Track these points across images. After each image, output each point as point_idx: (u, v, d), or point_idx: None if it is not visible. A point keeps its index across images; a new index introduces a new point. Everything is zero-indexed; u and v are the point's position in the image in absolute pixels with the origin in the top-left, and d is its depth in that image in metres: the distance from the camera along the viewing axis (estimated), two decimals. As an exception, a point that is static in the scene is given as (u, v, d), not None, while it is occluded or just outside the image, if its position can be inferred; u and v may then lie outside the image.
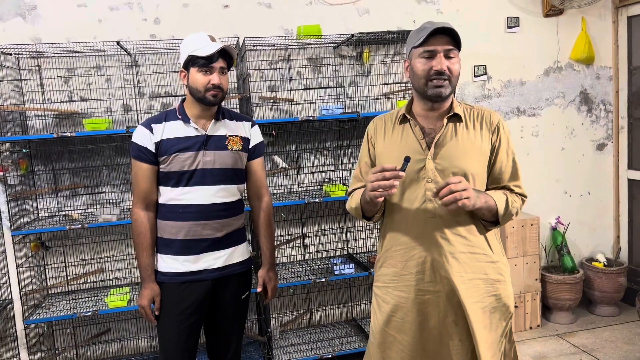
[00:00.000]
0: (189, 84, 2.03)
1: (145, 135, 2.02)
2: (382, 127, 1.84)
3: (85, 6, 3.08)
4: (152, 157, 2.02)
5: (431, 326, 1.74)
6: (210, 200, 2.05)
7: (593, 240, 4.04)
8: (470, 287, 1.70)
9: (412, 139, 1.74)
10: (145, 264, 2.06)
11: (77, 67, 3.09)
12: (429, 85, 1.68)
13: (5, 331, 3.11)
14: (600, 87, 3.93)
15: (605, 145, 3.99)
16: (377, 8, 3.47)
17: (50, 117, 3.08)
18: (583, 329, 3.59)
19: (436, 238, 1.70)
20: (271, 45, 3.30)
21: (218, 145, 2.07)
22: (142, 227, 2.05)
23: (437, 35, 1.66)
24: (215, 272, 2.08)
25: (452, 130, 1.73)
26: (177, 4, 3.20)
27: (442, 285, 1.71)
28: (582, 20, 3.80)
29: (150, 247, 2.07)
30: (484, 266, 1.72)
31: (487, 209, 1.65)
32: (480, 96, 3.72)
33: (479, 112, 1.78)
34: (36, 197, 3.10)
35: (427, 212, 1.69)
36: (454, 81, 1.70)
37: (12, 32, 3.00)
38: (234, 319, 2.19)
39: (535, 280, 3.61)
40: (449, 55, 1.68)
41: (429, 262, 1.71)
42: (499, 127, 1.75)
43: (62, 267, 3.16)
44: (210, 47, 1.97)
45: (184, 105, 2.09)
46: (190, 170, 2.02)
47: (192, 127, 2.04)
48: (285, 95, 3.37)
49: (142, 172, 2.03)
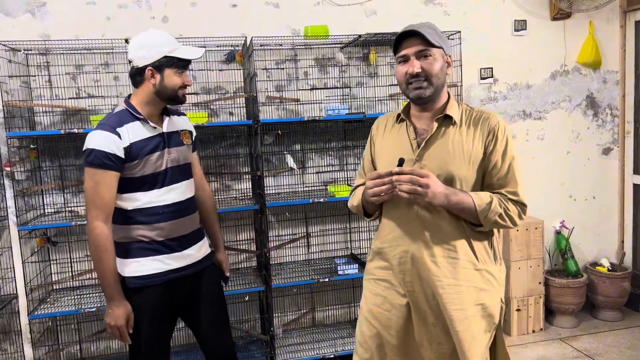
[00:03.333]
0: (161, 84, 1.97)
1: (114, 141, 1.89)
2: (384, 125, 1.87)
3: (94, 4, 3.10)
4: (120, 164, 1.91)
5: (413, 324, 1.74)
6: (184, 197, 2.08)
7: (597, 244, 4.03)
8: (451, 293, 1.66)
9: (404, 138, 1.75)
10: (114, 281, 1.93)
11: (85, 64, 3.11)
12: (409, 88, 1.70)
13: (10, 326, 3.12)
14: (607, 92, 3.92)
15: (611, 149, 3.98)
16: (384, 9, 3.48)
17: (58, 114, 3.10)
18: (586, 334, 3.59)
19: (417, 240, 1.69)
20: (278, 45, 3.31)
21: (176, 141, 2.08)
22: (107, 242, 1.91)
23: (410, 38, 1.67)
24: (193, 267, 2.11)
25: (443, 132, 1.71)
26: (185, 3, 3.21)
27: (422, 287, 1.70)
28: (590, 24, 3.80)
29: (114, 261, 1.95)
30: (466, 273, 1.68)
31: (462, 209, 1.62)
32: (487, 99, 3.72)
33: (478, 114, 1.74)
34: (42, 193, 3.12)
35: (410, 213, 1.70)
36: (435, 80, 1.67)
37: (22, 29, 3.01)
38: (217, 307, 2.21)
39: (538, 284, 3.61)
40: (423, 55, 1.66)
41: (409, 262, 1.71)
42: (496, 130, 1.69)
43: (67, 262, 3.17)
44: (192, 51, 2.02)
45: (134, 105, 2.00)
46: (163, 170, 2.01)
47: (151, 126, 2.00)
48: (291, 95, 3.37)
49: (107, 181, 1.90)
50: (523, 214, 1.70)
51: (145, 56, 1.95)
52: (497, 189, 1.69)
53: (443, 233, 1.68)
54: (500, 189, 1.68)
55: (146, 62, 1.95)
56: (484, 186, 1.71)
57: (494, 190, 1.68)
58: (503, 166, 1.69)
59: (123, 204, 1.98)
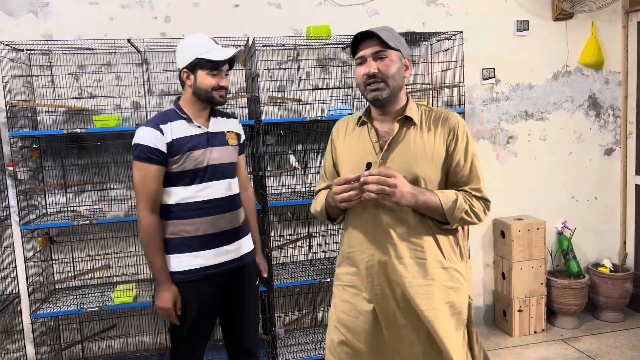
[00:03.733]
0: (195, 85, 2.08)
1: (157, 137, 2.03)
2: (344, 128, 1.85)
3: (97, 4, 3.10)
4: (163, 158, 2.04)
5: (383, 328, 1.73)
6: (224, 194, 2.15)
7: (599, 245, 4.03)
8: (421, 294, 1.67)
9: (367, 141, 1.75)
10: (161, 266, 2.07)
11: (87, 64, 3.12)
12: (366, 90, 1.70)
13: (12, 325, 3.13)
14: (609, 92, 3.92)
15: (613, 150, 3.98)
16: (387, 10, 3.48)
17: (60, 114, 3.10)
18: (588, 334, 3.58)
19: (384, 243, 1.69)
20: (280, 45, 3.31)
21: (220, 141, 2.16)
22: (155, 230, 2.06)
23: (367, 40, 1.68)
24: (233, 263, 2.18)
25: (404, 133, 1.72)
26: (188, 3, 3.22)
27: (391, 289, 1.70)
28: (592, 24, 3.79)
29: (162, 249, 2.09)
30: (434, 272, 1.69)
31: (428, 208, 1.64)
32: (488, 99, 3.71)
33: (437, 114, 1.76)
34: (45, 193, 3.13)
35: (376, 216, 1.69)
36: (392, 82, 1.68)
37: (24, 29, 3.02)
38: (250, 307, 2.28)
39: (540, 285, 3.60)
40: (380, 57, 1.67)
41: (377, 266, 1.70)
42: (456, 128, 1.71)
43: (69, 262, 3.18)
44: (222, 52, 2.07)
45: (181, 105, 2.13)
46: (203, 167, 2.09)
47: (195, 125, 2.11)
48: (293, 95, 3.38)
49: (152, 174, 2.03)
50: (487, 209, 1.73)
51: (181, 59, 2.09)
52: (461, 186, 1.71)
53: (410, 234, 1.68)
54: (464, 186, 1.71)
55: (182, 65, 2.09)
56: (447, 185, 1.73)
57: (458, 188, 1.71)
58: (466, 164, 1.71)
59: (165, 198, 2.09)
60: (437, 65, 3.51)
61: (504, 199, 3.75)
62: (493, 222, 3.77)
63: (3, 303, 2.94)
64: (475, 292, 3.75)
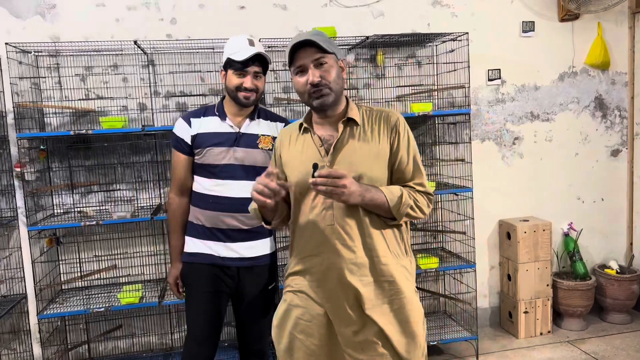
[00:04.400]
0: (226, 84, 2.18)
1: (184, 128, 2.20)
2: (288, 137, 1.84)
3: (104, 6, 3.12)
4: (188, 149, 2.20)
5: (337, 333, 1.72)
6: (240, 194, 2.16)
7: (606, 246, 4.01)
8: (371, 290, 1.68)
9: (311, 147, 1.75)
10: (174, 245, 2.30)
11: (94, 66, 3.13)
12: (311, 97, 1.69)
13: (19, 325, 3.15)
14: (616, 93, 3.90)
15: (620, 151, 3.96)
16: (392, 11, 3.48)
17: (67, 115, 3.12)
18: (594, 336, 3.57)
19: (336, 246, 1.68)
20: (286, 47, 3.32)
21: (249, 143, 2.19)
22: (176, 211, 2.27)
23: (302, 48, 1.66)
24: (241, 261, 2.21)
25: (348, 135, 1.73)
26: (194, 5, 3.23)
27: (345, 292, 1.69)
28: (598, 25, 3.78)
29: (180, 230, 2.28)
30: (384, 269, 1.70)
31: (375, 205, 1.65)
32: (494, 100, 3.71)
33: (378, 113, 1.77)
34: (52, 194, 3.14)
35: (326, 219, 1.69)
36: (335, 86, 1.69)
37: (32, 31, 3.04)
38: (258, 311, 2.28)
39: (546, 286, 3.59)
40: (320, 63, 1.67)
41: (331, 269, 1.69)
42: (397, 126, 1.74)
43: (76, 263, 3.19)
44: (244, 51, 2.10)
45: (223, 103, 2.24)
46: (222, 164, 2.17)
47: (228, 124, 2.19)
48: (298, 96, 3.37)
49: (179, 161, 2.23)
50: (430, 203, 1.76)
51: (223, 59, 2.20)
52: (406, 182, 1.74)
53: (359, 233, 1.69)
54: (409, 182, 1.74)
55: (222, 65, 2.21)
56: (392, 181, 1.75)
57: (403, 184, 1.73)
58: (409, 160, 1.74)
59: (193, 185, 2.26)
60: (443, 66, 3.51)
61: (510, 200, 3.74)
62: (499, 223, 3.76)
63: (10, 303, 2.96)
64: (481, 294, 3.74)
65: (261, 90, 2.20)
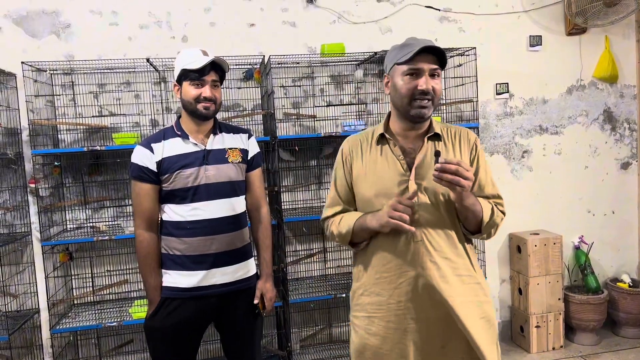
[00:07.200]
0: (182, 98, 2.05)
1: (146, 155, 2.02)
2: (358, 147, 1.77)
3: (117, 25, 3.19)
4: (153, 177, 2.02)
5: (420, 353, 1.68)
6: (218, 214, 2.05)
7: (617, 260, 3.98)
8: (463, 309, 1.65)
9: (392, 159, 1.69)
10: (154, 285, 2.07)
11: (107, 83, 3.19)
12: (412, 105, 1.63)
13: (32, 340, 3.17)
14: (625, 106, 3.90)
15: (630, 164, 3.95)
16: (399, 27, 3.52)
17: (81, 131, 3.17)
18: (607, 351, 3.53)
19: (425, 262, 1.63)
20: (295, 63, 3.37)
21: (218, 159, 2.07)
22: (149, 248, 2.05)
23: (423, 53, 1.62)
24: (222, 287, 2.08)
25: (432, 149, 1.68)
26: (205, 23, 3.29)
27: (436, 310, 1.65)
28: (606, 38, 3.80)
29: (157, 267, 2.07)
30: (471, 288, 1.68)
31: (473, 211, 1.62)
32: (502, 114, 3.72)
33: (456, 130, 1.76)
34: (65, 209, 3.18)
35: (413, 236, 1.63)
36: (436, 101, 1.67)
37: (47, 50, 3.11)
38: (245, 337, 2.16)
39: (558, 300, 3.56)
40: (433, 74, 1.64)
41: (420, 287, 1.64)
42: (477, 145, 1.74)
43: (88, 277, 3.22)
44: (200, 60, 1.99)
45: (180, 122, 2.10)
46: (194, 187, 2.02)
47: (192, 142, 2.06)
48: (308, 111, 3.42)
49: (144, 193, 2.03)
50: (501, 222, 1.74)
51: (175, 73, 2.07)
52: (488, 198, 1.72)
53: (448, 251, 1.66)
54: (490, 198, 1.72)
55: (174, 79, 2.08)
56: None
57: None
58: (487, 177, 1.74)
59: (161, 214, 2.09)
60: (451, 80, 3.53)
61: (520, 213, 3.73)
62: (509, 237, 3.75)
63: (23, 318, 2.98)
64: (492, 308, 3.71)
65: (219, 100, 2.07)
